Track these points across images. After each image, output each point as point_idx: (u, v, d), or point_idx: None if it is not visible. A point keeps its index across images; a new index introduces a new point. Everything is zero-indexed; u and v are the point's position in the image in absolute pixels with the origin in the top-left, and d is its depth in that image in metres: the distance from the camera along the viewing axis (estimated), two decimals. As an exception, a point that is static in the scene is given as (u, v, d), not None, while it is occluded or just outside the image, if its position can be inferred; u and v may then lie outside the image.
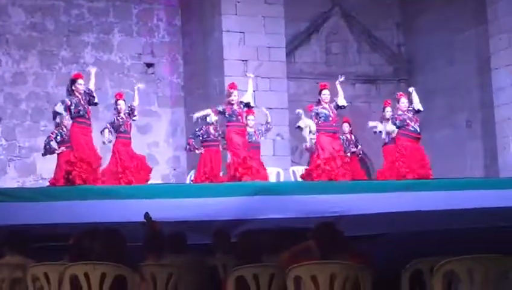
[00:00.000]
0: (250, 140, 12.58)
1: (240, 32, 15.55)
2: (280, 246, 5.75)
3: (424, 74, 18.06)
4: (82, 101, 11.11)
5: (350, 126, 13.86)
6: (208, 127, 12.66)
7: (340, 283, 4.74)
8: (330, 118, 12.14)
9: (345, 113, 13.59)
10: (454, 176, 14.25)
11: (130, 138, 12.02)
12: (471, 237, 9.07)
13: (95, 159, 11.07)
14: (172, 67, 17.21)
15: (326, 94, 12.23)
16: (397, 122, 12.48)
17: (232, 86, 12.32)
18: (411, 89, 12.94)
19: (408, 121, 12.42)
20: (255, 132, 12.91)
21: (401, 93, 13.11)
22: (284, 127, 15.47)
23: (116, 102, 12.06)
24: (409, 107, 12.59)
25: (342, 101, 12.34)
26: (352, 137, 13.88)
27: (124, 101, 12.07)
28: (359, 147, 13.88)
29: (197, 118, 12.45)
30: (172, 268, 5.62)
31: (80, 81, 11.20)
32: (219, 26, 15.48)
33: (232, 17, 15.51)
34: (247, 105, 12.31)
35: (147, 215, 7.42)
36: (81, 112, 11.07)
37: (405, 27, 18.88)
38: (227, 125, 12.16)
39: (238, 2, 15.52)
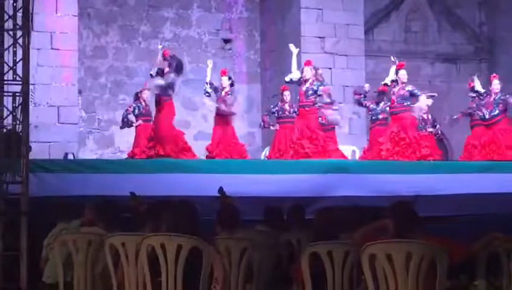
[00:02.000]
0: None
1: (318, 9, 15.47)
2: (355, 224, 5.73)
3: (505, 54, 17.66)
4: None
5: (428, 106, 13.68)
6: (284, 104, 12.67)
7: (416, 262, 4.70)
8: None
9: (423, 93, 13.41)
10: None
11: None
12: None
13: (176, 135, 11.28)
14: (249, 43, 17.23)
15: (403, 74, 12.11)
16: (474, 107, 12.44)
17: (308, 63, 12.24)
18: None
19: (480, 107, 12.28)
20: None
21: (494, 75, 12.88)
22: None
23: (220, 78, 12.23)
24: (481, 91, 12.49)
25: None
26: (430, 117, 13.69)
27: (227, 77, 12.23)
28: (437, 126, 13.69)
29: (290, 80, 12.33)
30: (247, 242, 5.65)
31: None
32: (297, 3, 15.43)
33: (310, -7, 15.45)
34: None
35: (221, 189, 7.48)
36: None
37: (487, 6, 18.47)
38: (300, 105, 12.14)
39: (317, -22, 15.44)
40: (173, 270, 5.03)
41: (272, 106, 13.20)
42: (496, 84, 12.36)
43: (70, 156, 12.14)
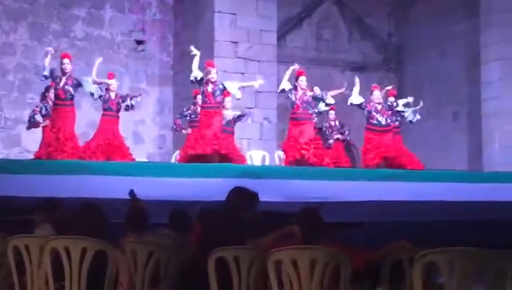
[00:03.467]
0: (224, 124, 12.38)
1: (232, 14, 15.51)
2: (262, 230, 5.76)
3: (413, 65, 18.10)
4: (67, 81, 11.15)
5: (334, 113, 13.89)
6: (196, 108, 12.64)
7: (320, 269, 4.76)
8: (294, 106, 12.12)
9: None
10: (438, 168, 14.32)
11: (115, 116, 11.90)
12: (450, 229, 9.13)
13: (74, 140, 11.13)
14: (162, 45, 17.15)
15: (303, 80, 12.21)
16: (365, 113, 12.59)
17: (210, 63, 12.14)
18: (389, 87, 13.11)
19: (374, 113, 12.45)
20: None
21: (375, 85, 13.13)
22: (271, 111, 15.47)
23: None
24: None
25: (357, 99, 12.46)
26: (337, 124, 13.91)
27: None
28: (346, 133, 13.91)
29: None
30: (153, 246, 5.62)
31: (65, 60, 11.24)
32: (211, 7, 15.43)
33: (224, -2, 15.49)
34: (225, 88, 12.02)
35: (131, 192, 7.41)
36: (62, 94, 11.13)
37: (397, 16, 18.90)
38: (201, 106, 12.07)
39: (231, -17, 15.48)
40: (77, 274, 4.97)
41: (184, 109, 13.16)
42: (377, 95, 12.63)
43: (-25, 155, 11.85)
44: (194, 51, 12.05)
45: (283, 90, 12.40)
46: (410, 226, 9.34)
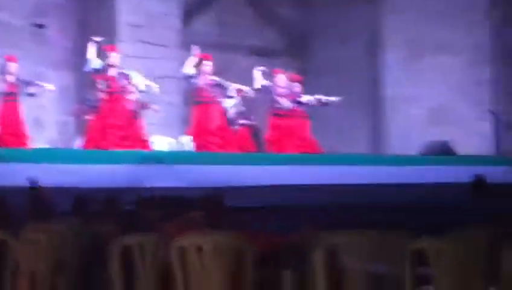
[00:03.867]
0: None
1: (136, -2, 15.39)
2: (167, 216, 5.76)
3: (316, 50, 18.31)
4: None
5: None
6: (98, 93, 12.51)
7: (223, 254, 4.79)
8: (198, 90, 12.21)
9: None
10: (342, 152, 14.57)
11: (17, 101, 11.73)
12: (353, 213, 9.31)
13: None
14: (64, 30, 16.83)
15: (207, 64, 12.25)
16: (269, 97, 12.76)
17: (112, 48, 12.08)
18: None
19: (278, 97, 12.63)
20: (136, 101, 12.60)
21: (278, 70, 13.28)
22: (175, 96, 15.41)
23: (5, 64, 11.81)
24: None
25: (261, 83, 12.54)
26: (243, 109, 13.99)
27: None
28: (251, 118, 14.01)
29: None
30: (56, 234, 5.54)
31: None
32: (115, -10, 15.28)
33: (127, -19, 15.33)
34: (127, 73, 11.97)
35: (32, 180, 7.29)
36: None
37: (300, 2, 19.05)
38: (103, 91, 11.99)
39: (134, -34, 15.35)
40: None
41: (86, 95, 13.00)
42: (281, 80, 12.82)
43: None
44: (95, 38, 11.98)
45: (187, 75, 12.40)
46: (313, 210, 9.48)
